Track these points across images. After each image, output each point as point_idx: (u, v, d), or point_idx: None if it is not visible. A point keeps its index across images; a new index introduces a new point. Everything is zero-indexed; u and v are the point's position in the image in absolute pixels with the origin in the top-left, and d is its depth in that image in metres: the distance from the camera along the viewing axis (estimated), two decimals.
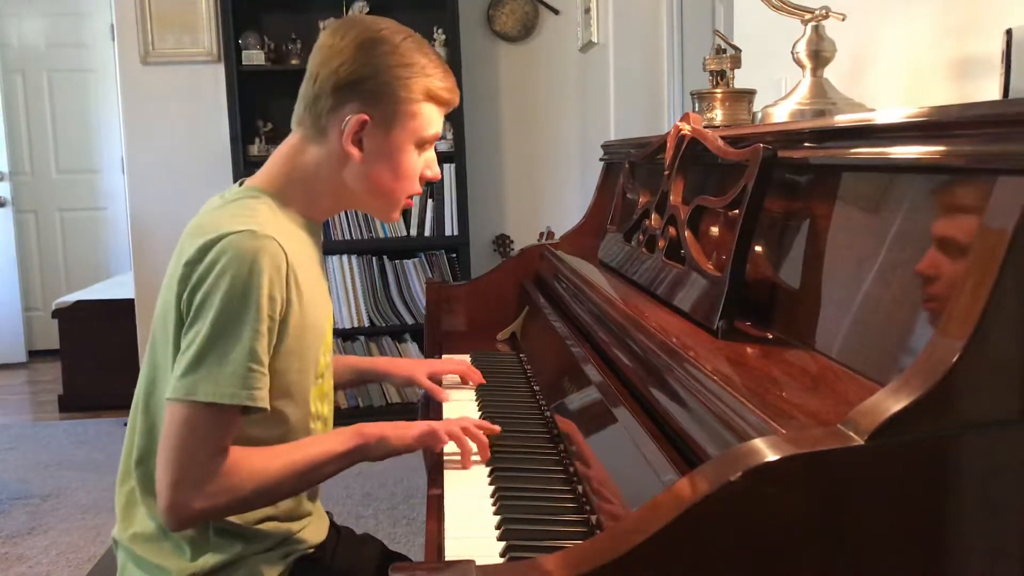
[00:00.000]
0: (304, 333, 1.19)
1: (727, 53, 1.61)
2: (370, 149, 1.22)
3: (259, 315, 1.09)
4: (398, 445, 1.24)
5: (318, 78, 1.22)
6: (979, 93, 1.31)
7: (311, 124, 1.23)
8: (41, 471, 3.52)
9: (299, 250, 1.19)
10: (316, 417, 1.27)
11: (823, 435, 0.67)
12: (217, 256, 1.09)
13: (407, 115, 1.23)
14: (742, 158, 1.11)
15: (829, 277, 0.96)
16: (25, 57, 5.46)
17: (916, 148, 0.80)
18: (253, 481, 1.12)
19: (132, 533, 1.21)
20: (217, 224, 1.13)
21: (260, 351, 1.10)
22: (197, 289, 1.10)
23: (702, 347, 1.00)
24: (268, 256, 1.10)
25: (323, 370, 1.27)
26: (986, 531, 0.67)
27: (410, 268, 4.13)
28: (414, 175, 1.27)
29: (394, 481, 3.24)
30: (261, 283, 1.09)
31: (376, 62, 1.20)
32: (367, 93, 1.20)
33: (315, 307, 1.21)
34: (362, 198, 1.28)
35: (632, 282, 1.44)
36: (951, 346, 0.65)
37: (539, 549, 0.94)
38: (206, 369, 1.07)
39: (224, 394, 1.07)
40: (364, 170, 1.23)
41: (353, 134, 1.21)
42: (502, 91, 4.41)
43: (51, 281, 5.56)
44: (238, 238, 1.10)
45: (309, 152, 1.24)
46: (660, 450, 0.92)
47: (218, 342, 1.08)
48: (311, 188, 1.25)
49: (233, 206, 1.19)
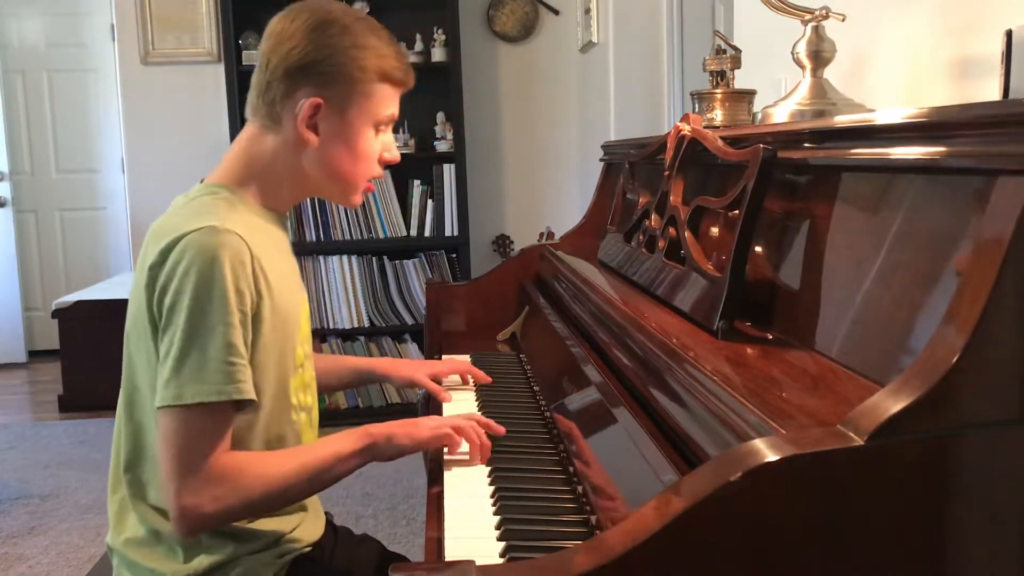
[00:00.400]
0: (278, 324, 1.18)
1: (727, 53, 1.62)
2: (326, 133, 1.21)
3: (228, 308, 1.08)
4: (407, 444, 1.23)
5: (269, 64, 1.20)
6: (979, 94, 1.31)
7: (265, 112, 1.22)
8: (41, 471, 3.52)
9: (263, 242, 1.17)
10: (299, 408, 1.26)
11: (823, 435, 0.67)
12: (179, 256, 1.09)
13: (362, 96, 1.21)
14: (742, 158, 1.11)
15: (829, 277, 0.96)
16: (25, 57, 5.46)
17: (916, 149, 0.80)
18: (262, 484, 1.12)
19: (125, 539, 1.20)
20: (177, 225, 1.12)
21: (237, 343, 1.09)
22: (165, 293, 1.09)
23: (702, 347, 1.00)
24: (230, 250, 1.09)
25: (302, 360, 1.27)
26: (986, 531, 0.67)
27: (410, 268, 4.13)
28: (372, 157, 1.26)
29: (393, 481, 3.24)
30: (225, 277, 1.08)
31: (328, 44, 1.19)
32: (320, 76, 1.19)
33: (286, 297, 1.21)
34: (322, 184, 1.26)
35: (632, 282, 1.44)
36: (951, 346, 0.65)
37: (539, 549, 0.94)
38: (188, 371, 1.07)
39: (210, 392, 1.07)
40: (321, 154, 1.22)
41: (308, 118, 1.19)
42: (502, 91, 4.42)
43: (51, 281, 5.56)
44: (198, 235, 1.09)
45: (265, 141, 1.23)
46: (660, 450, 0.92)
47: (194, 342, 1.07)
48: (270, 178, 1.24)
49: (192, 204, 1.19)
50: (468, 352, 1.87)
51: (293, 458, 1.17)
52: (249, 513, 1.16)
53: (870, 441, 0.64)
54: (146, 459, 1.19)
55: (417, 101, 4.14)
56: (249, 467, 1.12)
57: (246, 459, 1.13)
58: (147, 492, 1.19)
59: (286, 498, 1.19)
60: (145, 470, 1.19)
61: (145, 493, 1.19)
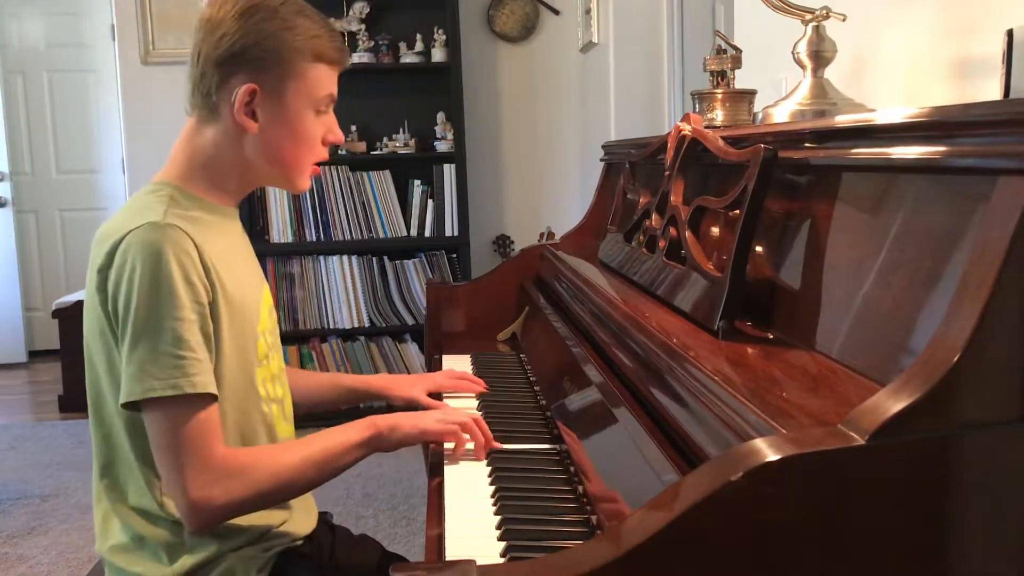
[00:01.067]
0: (235, 315, 1.18)
1: (728, 53, 1.61)
2: (264, 118, 1.20)
3: (177, 301, 1.09)
4: (413, 434, 1.25)
5: (201, 54, 1.20)
6: (980, 93, 1.31)
7: (202, 104, 1.21)
8: (41, 471, 3.52)
9: (210, 235, 1.17)
10: (268, 399, 1.26)
11: (824, 435, 0.67)
12: (123, 256, 1.09)
13: (296, 77, 1.20)
14: (743, 158, 1.11)
15: (829, 277, 0.96)
16: (25, 57, 5.46)
17: (917, 148, 0.80)
18: (272, 474, 1.14)
19: (110, 546, 1.20)
20: (120, 225, 1.13)
21: (188, 337, 1.09)
22: (116, 295, 1.10)
23: (703, 347, 1.00)
24: (173, 244, 1.10)
25: (266, 352, 1.27)
26: (987, 531, 0.67)
27: (410, 268, 4.13)
28: (314, 139, 1.25)
29: (394, 481, 3.24)
30: (171, 270, 1.09)
31: (257, 28, 1.18)
32: (252, 61, 1.18)
33: (241, 288, 1.21)
34: (267, 171, 1.25)
35: (632, 282, 1.44)
36: (952, 346, 0.65)
37: (540, 549, 0.94)
38: (139, 367, 1.08)
39: (164, 386, 1.07)
40: (262, 141, 1.21)
41: (244, 105, 1.18)
42: (502, 92, 4.41)
43: (51, 281, 5.57)
44: (139, 232, 1.10)
45: (206, 134, 1.22)
46: (660, 450, 0.92)
47: (144, 338, 1.08)
48: (214, 170, 1.23)
49: (134, 204, 1.19)
50: (468, 352, 1.87)
51: (301, 449, 1.18)
52: (260, 504, 1.17)
53: (871, 441, 0.64)
54: (119, 461, 1.19)
55: (417, 101, 4.18)
56: (258, 459, 1.14)
57: (254, 451, 1.15)
58: (127, 495, 1.19)
59: (295, 488, 1.19)
60: (120, 472, 1.19)
61: (125, 496, 1.19)
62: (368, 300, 4.06)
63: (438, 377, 1.62)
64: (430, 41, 4.09)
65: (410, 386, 1.57)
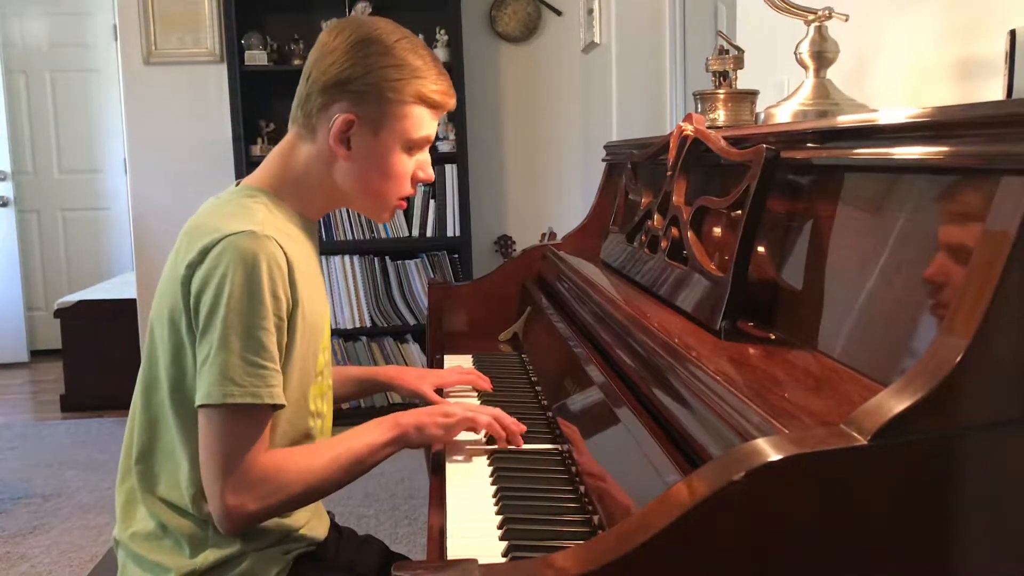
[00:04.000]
0: (307, 332, 1.20)
1: (730, 54, 1.61)
2: (358, 149, 1.22)
3: (265, 313, 1.10)
4: (439, 434, 1.26)
5: (310, 76, 1.23)
6: (983, 94, 1.31)
7: (303, 123, 1.24)
8: (43, 471, 3.52)
9: (297, 249, 1.19)
10: (315, 415, 1.27)
11: (826, 435, 0.66)
12: (218, 258, 1.10)
13: (395, 117, 1.22)
14: (745, 159, 1.11)
15: (832, 278, 0.96)
16: (28, 57, 5.47)
17: (919, 149, 0.80)
18: (301, 479, 1.15)
19: (132, 532, 1.21)
20: (216, 225, 1.14)
21: (272, 348, 1.11)
22: (203, 294, 1.11)
23: (705, 347, 1.00)
24: (268, 256, 1.11)
25: (322, 368, 1.28)
26: (989, 532, 0.67)
27: (412, 268, 4.13)
28: (403, 177, 1.27)
29: (395, 481, 3.24)
30: (263, 282, 1.10)
31: (366, 62, 1.20)
32: (355, 93, 1.20)
33: (315, 305, 1.22)
34: (352, 197, 1.28)
35: (634, 283, 1.44)
36: (954, 346, 0.65)
37: (541, 549, 0.94)
38: (221, 372, 1.09)
39: (244, 394, 1.09)
40: (352, 170, 1.24)
41: (340, 133, 1.21)
42: (504, 92, 4.41)
43: (53, 281, 5.57)
44: (238, 239, 1.11)
45: (301, 151, 1.25)
46: (663, 450, 0.92)
47: (230, 344, 1.09)
48: (303, 186, 1.25)
49: (231, 206, 1.20)
50: (470, 352, 1.87)
51: (327, 451, 1.20)
52: (289, 507, 1.19)
53: (873, 441, 0.64)
54: (159, 451, 1.20)
55: None
56: (288, 463, 1.15)
57: (284, 455, 1.16)
58: (158, 484, 1.20)
59: (323, 491, 1.20)
60: (157, 461, 1.20)
61: (155, 485, 1.20)
62: (370, 300, 4.06)
63: (446, 374, 1.63)
64: (432, 42, 4.09)
65: (418, 379, 1.58)
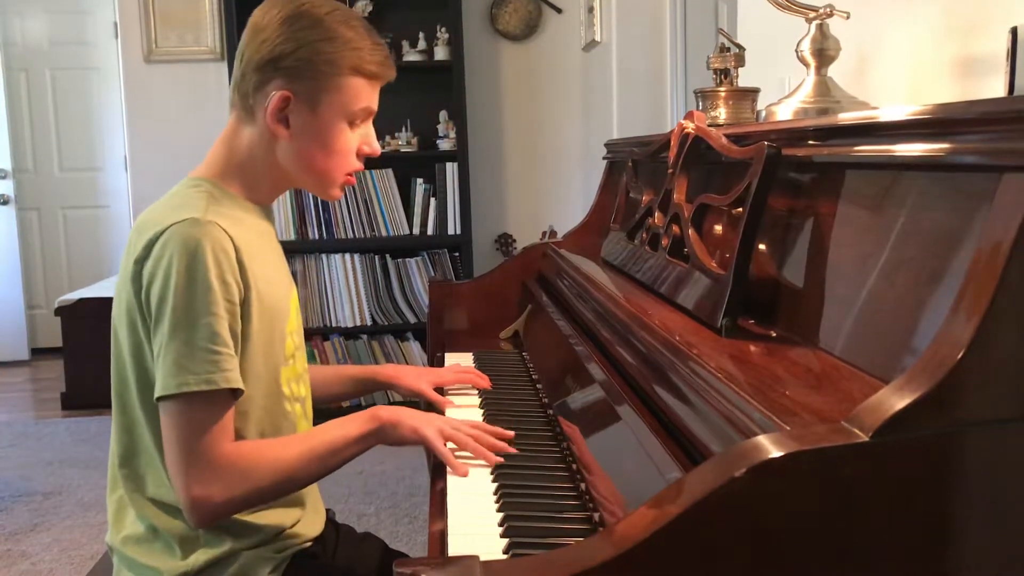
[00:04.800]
0: (265, 314, 1.19)
1: (731, 51, 1.61)
2: (297, 126, 1.21)
3: (212, 298, 1.09)
4: (410, 437, 1.22)
5: (244, 56, 1.21)
6: (984, 91, 1.31)
7: (240, 105, 1.23)
8: (43, 468, 3.53)
9: (247, 234, 1.18)
10: (292, 399, 1.27)
11: (827, 432, 0.66)
12: (162, 249, 1.10)
13: (332, 90, 1.20)
14: (746, 156, 1.11)
15: (833, 275, 0.96)
16: (28, 55, 5.46)
17: (920, 146, 0.80)
18: (271, 469, 1.13)
19: (123, 536, 1.21)
20: (159, 218, 1.14)
21: (223, 333, 1.10)
22: (152, 286, 1.11)
23: (706, 345, 1.00)
24: (212, 241, 1.10)
25: (292, 351, 1.27)
26: (990, 528, 0.67)
27: (412, 267, 4.13)
28: (347, 152, 1.25)
29: (396, 479, 3.24)
30: (208, 268, 1.09)
31: (298, 36, 1.18)
32: (288, 69, 1.19)
33: (272, 287, 1.21)
34: (298, 177, 1.26)
35: (635, 280, 1.44)
36: (956, 343, 0.65)
37: (542, 546, 0.94)
38: (175, 362, 1.08)
39: (198, 381, 1.08)
40: (294, 148, 1.22)
41: (277, 111, 1.19)
42: (505, 90, 4.41)
43: (54, 279, 5.57)
44: (179, 227, 1.10)
45: (242, 134, 1.24)
46: (664, 448, 0.92)
47: (180, 332, 1.08)
48: (248, 171, 1.24)
49: (174, 198, 1.20)
50: (471, 351, 1.87)
51: (300, 442, 1.18)
52: (260, 500, 1.17)
53: (874, 438, 0.64)
54: (141, 452, 1.19)
55: (420, 100, 4.17)
56: (256, 454, 1.14)
57: (253, 446, 1.15)
58: (145, 485, 1.19)
59: (295, 482, 1.19)
60: (141, 463, 1.20)
61: (144, 487, 1.20)
62: (370, 298, 4.06)
63: (445, 372, 1.61)
64: (433, 40, 4.09)
65: (416, 378, 1.56)
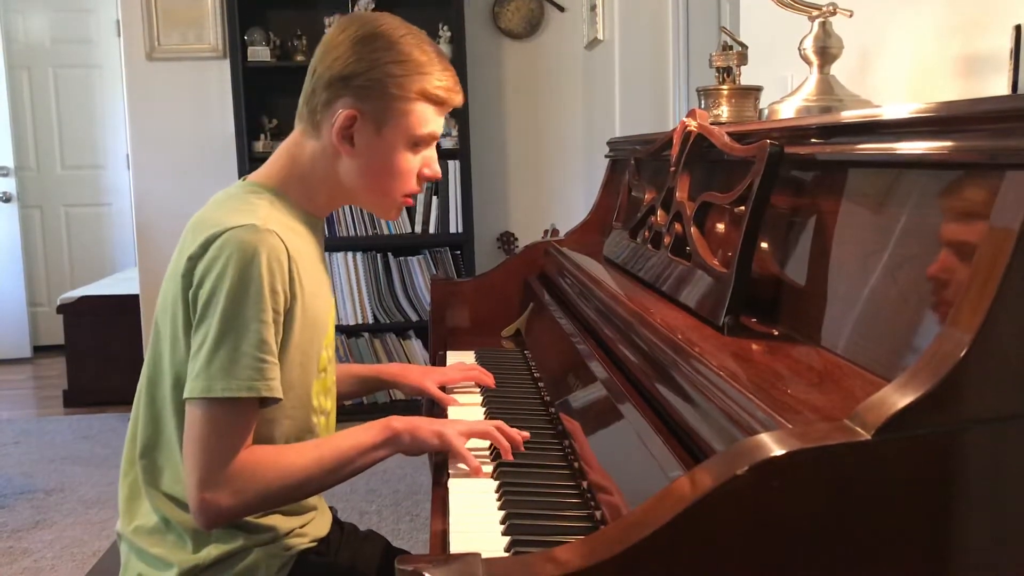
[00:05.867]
0: (307, 327, 1.19)
1: (733, 50, 1.61)
2: (361, 146, 1.22)
3: (264, 306, 1.10)
4: (431, 441, 1.21)
5: (315, 72, 1.23)
6: (987, 89, 1.31)
7: (308, 119, 1.24)
8: (46, 466, 3.53)
9: (300, 244, 1.19)
10: (319, 411, 1.27)
11: (829, 430, 0.66)
12: (219, 251, 1.10)
13: (399, 113, 1.21)
14: (749, 154, 1.11)
15: (835, 273, 0.96)
16: (31, 53, 5.47)
17: (923, 144, 0.80)
18: (280, 476, 1.13)
19: (135, 526, 1.21)
20: (219, 219, 1.14)
21: (269, 341, 1.11)
22: (202, 285, 1.11)
23: (708, 343, 1.00)
24: (269, 249, 1.11)
25: (325, 364, 1.28)
26: (992, 526, 0.67)
27: (414, 265, 4.13)
28: (408, 174, 1.26)
29: (398, 478, 3.24)
30: (263, 275, 1.10)
31: (370, 57, 1.20)
32: (358, 89, 1.20)
33: (317, 301, 1.22)
34: (357, 194, 1.28)
35: (637, 279, 1.44)
36: (958, 341, 0.65)
37: (543, 544, 0.94)
38: (219, 365, 1.08)
39: (240, 387, 1.08)
40: (356, 167, 1.23)
41: (343, 129, 1.20)
42: (507, 88, 4.41)
43: (56, 276, 5.57)
44: (239, 232, 1.11)
45: (307, 147, 1.25)
46: (666, 446, 0.92)
47: (227, 337, 1.09)
48: (309, 183, 1.25)
49: (234, 201, 1.21)
50: (472, 349, 1.87)
51: (312, 450, 1.18)
52: (268, 505, 1.17)
53: (876, 436, 0.64)
54: (163, 445, 1.20)
55: None
56: (267, 460, 1.13)
57: (264, 452, 1.14)
58: (161, 479, 1.20)
59: (305, 490, 1.19)
60: (161, 456, 1.20)
61: (159, 480, 1.20)
62: (372, 296, 4.06)
63: (449, 371, 1.62)
64: (435, 38, 4.09)
65: (421, 376, 1.57)
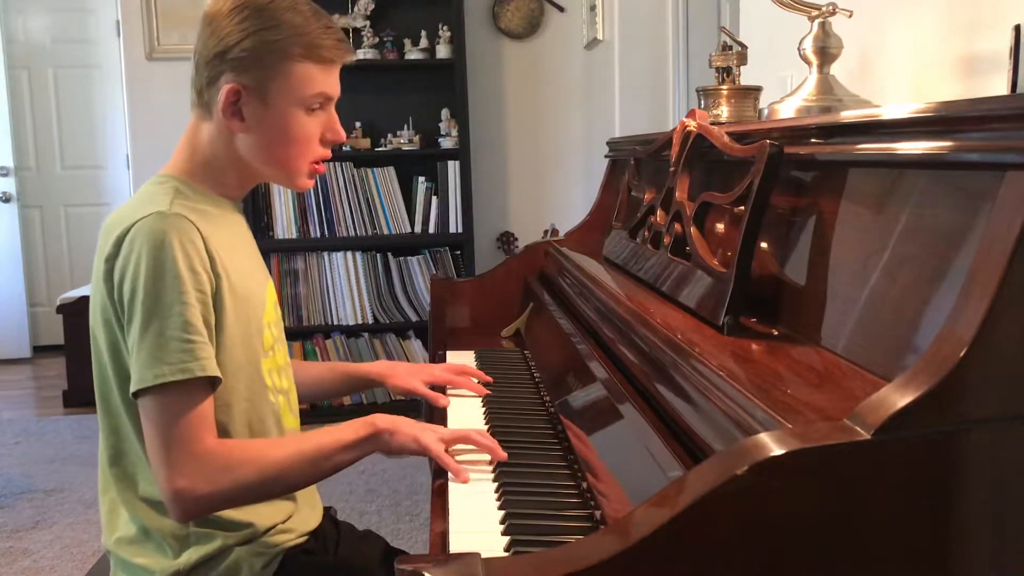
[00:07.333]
0: (240, 306, 1.19)
1: (733, 50, 1.61)
2: (251, 119, 1.19)
3: (183, 288, 1.09)
4: (409, 445, 1.20)
5: (197, 52, 1.20)
6: (987, 89, 1.31)
7: (197, 101, 1.22)
8: (45, 466, 3.53)
9: (215, 226, 1.18)
10: (274, 390, 1.26)
11: (829, 430, 0.66)
12: (130, 245, 1.10)
13: (280, 77, 1.18)
14: (748, 154, 1.11)
15: (835, 273, 0.96)
16: (31, 53, 5.46)
17: (923, 144, 0.80)
18: (257, 467, 1.12)
19: (116, 538, 1.21)
20: (125, 216, 1.14)
21: (195, 322, 1.10)
22: (123, 283, 1.11)
23: (708, 343, 1.00)
24: (179, 232, 1.11)
25: (271, 343, 1.27)
26: (992, 526, 0.67)
27: (414, 265, 4.13)
28: (307, 140, 1.22)
29: (397, 477, 3.24)
30: (176, 258, 1.09)
31: (240, 28, 1.17)
32: (235, 62, 1.17)
33: (245, 279, 1.21)
34: (262, 169, 1.25)
35: (637, 279, 1.44)
36: (959, 341, 0.65)
37: (543, 544, 0.94)
38: (147, 353, 1.08)
39: (173, 371, 1.08)
40: (253, 141, 1.21)
41: (229, 105, 1.18)
42: (507, 88, 4.41)
43: (56, 276, 5.57)
44: (146, 222, 1.11)
45: (203, 131, 1.23)
46: (665, 446, 0.92)
47: (151, 325, 1.08)
48: (213, 167, 1.23)
49: (139, 195, 1.21)
50: (472, 349, 1.87)
51: (290, 444, 1.18)
52: (246, 499, 1.16)
53: (876, 435, 0.64)
54: (128, 451, 1.19)
55: (422, 98, 4.18)
56: (242, 451, 1.13)
57: (241, 442, 1.15)
58: (136, 485, 1.19)
59: (284, 484, 1.18)
60: (130, 462, 1.19)
61: (134, 486, 1.19)
62: (372, 296, 4.06)
63: (436, 369, 1.59)
64: (435, 38, 4.09)
65: (408, 375, 1.54)
